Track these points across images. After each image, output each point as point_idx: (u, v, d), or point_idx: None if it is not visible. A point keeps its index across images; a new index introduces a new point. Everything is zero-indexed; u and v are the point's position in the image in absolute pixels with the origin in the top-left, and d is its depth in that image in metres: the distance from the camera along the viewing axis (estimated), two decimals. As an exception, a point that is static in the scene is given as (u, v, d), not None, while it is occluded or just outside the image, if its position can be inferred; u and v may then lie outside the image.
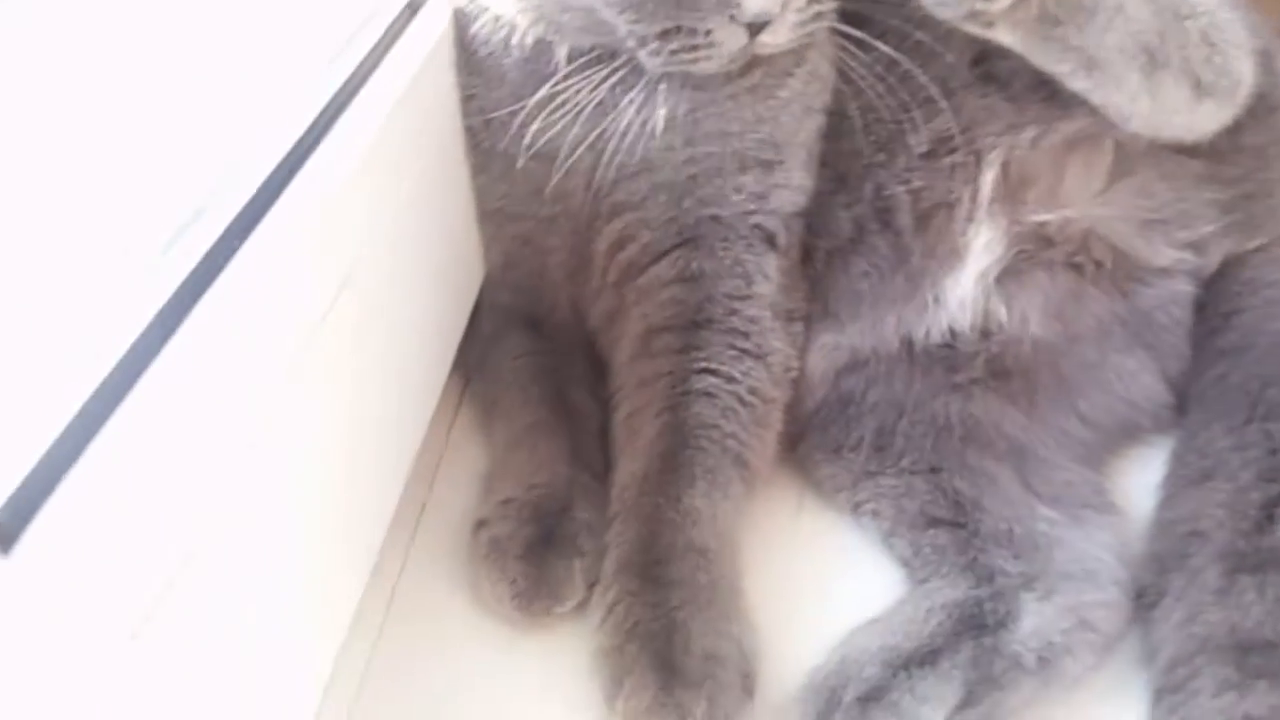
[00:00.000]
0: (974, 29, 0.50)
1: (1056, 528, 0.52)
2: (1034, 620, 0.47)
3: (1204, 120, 0.54)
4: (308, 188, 0.44)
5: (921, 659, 0.45)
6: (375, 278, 0.49)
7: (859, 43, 0.55)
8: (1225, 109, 0.54)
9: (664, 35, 0.50)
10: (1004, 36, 0.50)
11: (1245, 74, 0.54)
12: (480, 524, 0.54)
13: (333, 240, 0.45)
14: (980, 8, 0.48)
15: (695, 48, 0.51)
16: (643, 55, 0.52)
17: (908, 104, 0.56)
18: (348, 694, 0.48)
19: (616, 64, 0.53)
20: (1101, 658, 0.48)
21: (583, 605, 0.51)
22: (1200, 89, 0.52)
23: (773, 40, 0.52)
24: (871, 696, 0.44)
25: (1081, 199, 0.58)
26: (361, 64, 0.53)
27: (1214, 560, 0.48)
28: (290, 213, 0.42)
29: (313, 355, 0.41)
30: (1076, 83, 0.52)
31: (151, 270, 0.37)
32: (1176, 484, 0.54)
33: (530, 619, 0.50)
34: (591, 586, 0.51)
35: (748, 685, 0.46)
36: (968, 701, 0.44)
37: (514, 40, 0.55)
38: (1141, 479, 0.57)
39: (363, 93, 0.52)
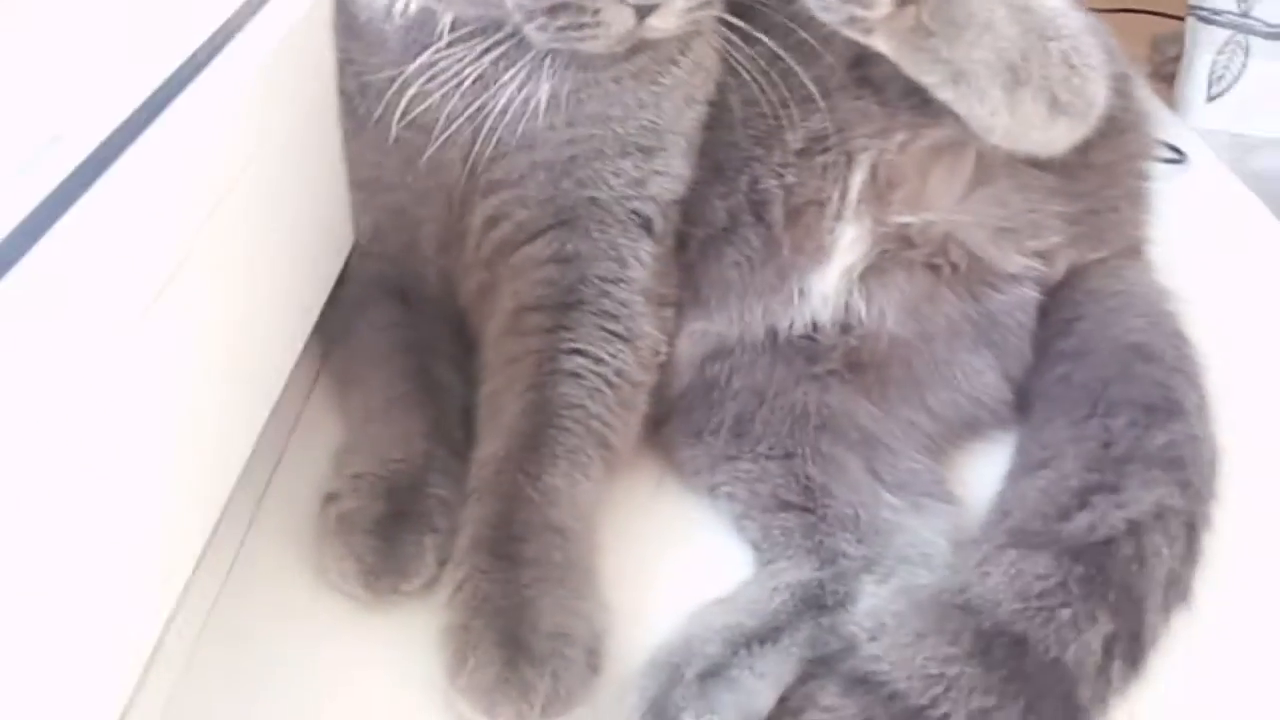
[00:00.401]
0: (853, 34, 0.52)
1: (898, 514, 0.54)
2: (871, 602, 0.49)
3: (1059, 137, 0.57)
4: (168, 132, 0.43)
5: (763, 637, 0.47)
6: (234, 236, 0.47)
7: (745, 36, 0.56)
8: (1078, 128, 0.57)
9: (552, 11, 0.50)
10: (880, 44, 0.52)
11: (1100, 97, 0.57)
12: (330, 497, 0.53)
13: (189, 193, 0.43)
14: (859, 15, 0.49)
15: (583, 26, 0.51)
16: (529, 30, 0.51)
17: (787, 101, 0.57)
18: (177, 661, 0.47)
19: (501, 37, 0.52)
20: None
21: (433, 584, 0.50)
22: (1057, 107, 0.55)
23: (661, 24, 0.52)
24: (712, 673, 0.45)
25: (943, 204, 0.60)
26: (236, 14, 0.51)
27: (1000, 534, 0.51)
28: (146, 158, 0.41)
29: (163, 306, 0.40)
30: (944, 93, 0.54)
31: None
32: (1014, 474, 0.57)
33: (376, 596, 0.50)
34: (443, 565, 0.50)
35: (593, 663, 0.46)
36: (803, 677, 0.46)
37: (397, 6, 0.54)
38: (983, 471, 0.60)
39: (234, 43, 0.50)
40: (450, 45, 0.53)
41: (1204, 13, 1.06)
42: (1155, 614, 0.49)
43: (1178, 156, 0.98)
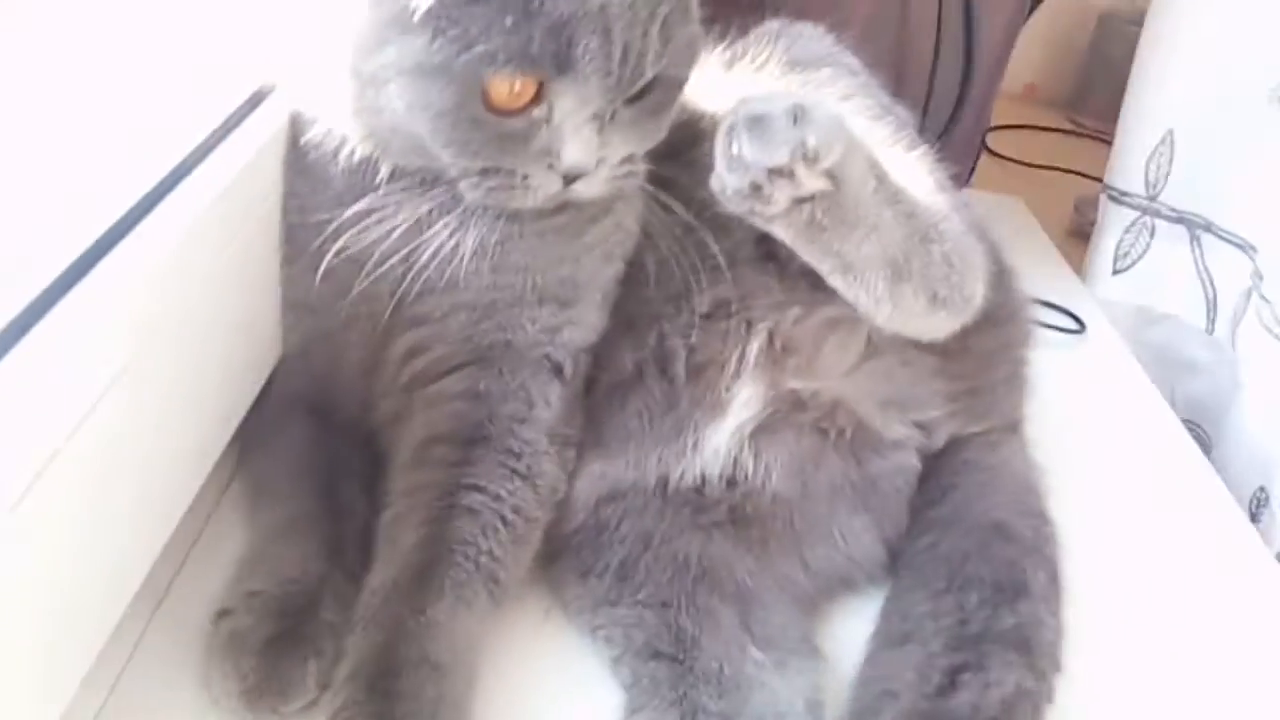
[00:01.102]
0: (755, 222, 0.56)
1: (762, 671, 0.57)
2: None
3: (938, 326, 0.62)
4: (131, 254, 0.47)
5: None
6: (167, 345, 0.51)
7: (664, 206, 0.61)
8: (956, 319, 0.62)
9: (484, 173, 0.55)
10: (779, 232, 0.57)
11: (977, 292, 0.62)
12: (223, 613, 0.55)
13: (142, 302, 0.47)
14: (758, 209, 0.54)
15: (513, 187, 0.55)
16: (463, 186, 0.55)
17: (697, 268, 0.62)
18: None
19: (436, 189, 0.57)
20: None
21: (312, 707, 0.52)
22: (936, 301, 0.60)
23: (586, 190, 0.57)
24: None
25: (834, 374, 0.65)
26: (203, 143, 0.55)
27: (878, 701, 0.54)
28: (107, 275, 0.45)
29: (97, 411, 0.43)
30: (834, 280, 0.59)
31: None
32: (879, 643, 0.60)
33: (256, 716, 0.51)
34: (325, 689, 0.52)
35: None
36: None
37: (343, 152, 0.58)
38: (852, 625, 0.64)
39: (195, 172, 0.54)
40: (388, 193, 0.57)
41: (1115, 193, 1.14)
42: None
43: (1078, 327, 1.05)
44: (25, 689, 0.42)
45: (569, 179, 0.56)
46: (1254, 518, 0.94)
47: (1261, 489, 0.94)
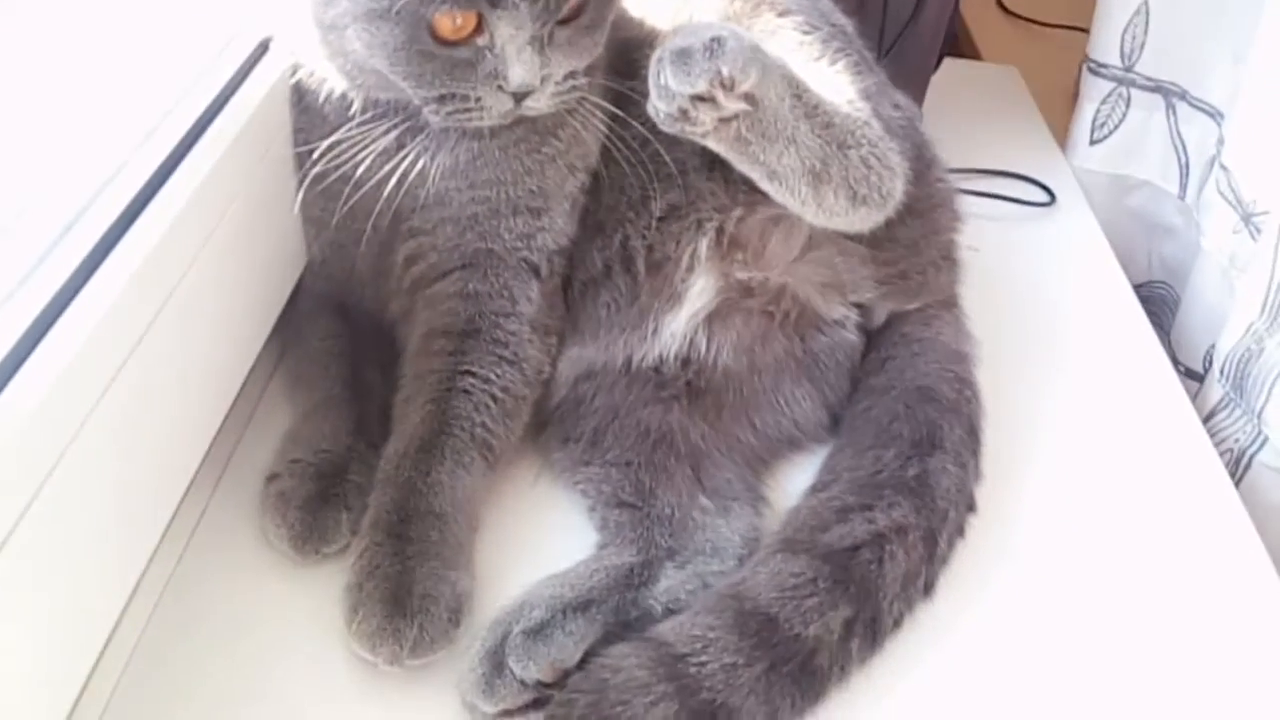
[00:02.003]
0: (691, 138, 0.65)
1: (707, 515, 0.69)
2: (668, 582, 0.64)
3: (861, 221, 0.70)
4: (176, 188, 0.59)
5: (578, 606, 0.61)
6: (217, 258, 0.63)
7: (622, 122, 0.70)
8: (877, 214, 0.70)
9: (441, 99, 0.63)
10: (712, 145, 0.65)
11: (895, 190, 0.70)
12: (272, 477, 0.68)
13: (189, 226, 0.59)
14: (688, 130, 0.63)
15: (469, 110, 0.63)
16: (425, 112, 0.64)
17: (653, 176, 0.71)
18: (144, 610, 0.62)
19: (404, 116, 0.66)
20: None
21: (346, 549, 0.65)
22: (856, 200, 0.68)
23: (535, 105, 0.64)
24: (534, 631, 0.60)
25: (779, 263, 0.74)
26: (222, 90, 0.66)
27: (775, 541, 0.65)
28: (161, 206, 0.57)
29: (162, 312, 0.56)
30: (764, 185, 0.67)
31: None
32: (806, 492, 0.71)
33: (303, 557, 0.65)
34: (354, 535, 0.65)
35: (455, 618, 0.61)
36: (606, 638, 0.61)
37: (324, 89, 0.67)
38: (801, 481, 0.75)
39: (222, 113, 0.65)
40: (362, 122, 0.66)
41: (1093, 64, 1.18)
42: (892, 603, 0.64)
43: (1048, 199, 1.11)
44: (112, 543, 0.56)
45: (519, 97, 0.63)
46: (1203, 375, 1.03)
47: (1211, 346, 1.01)
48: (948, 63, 1.14)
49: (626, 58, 0.72)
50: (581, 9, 0.63)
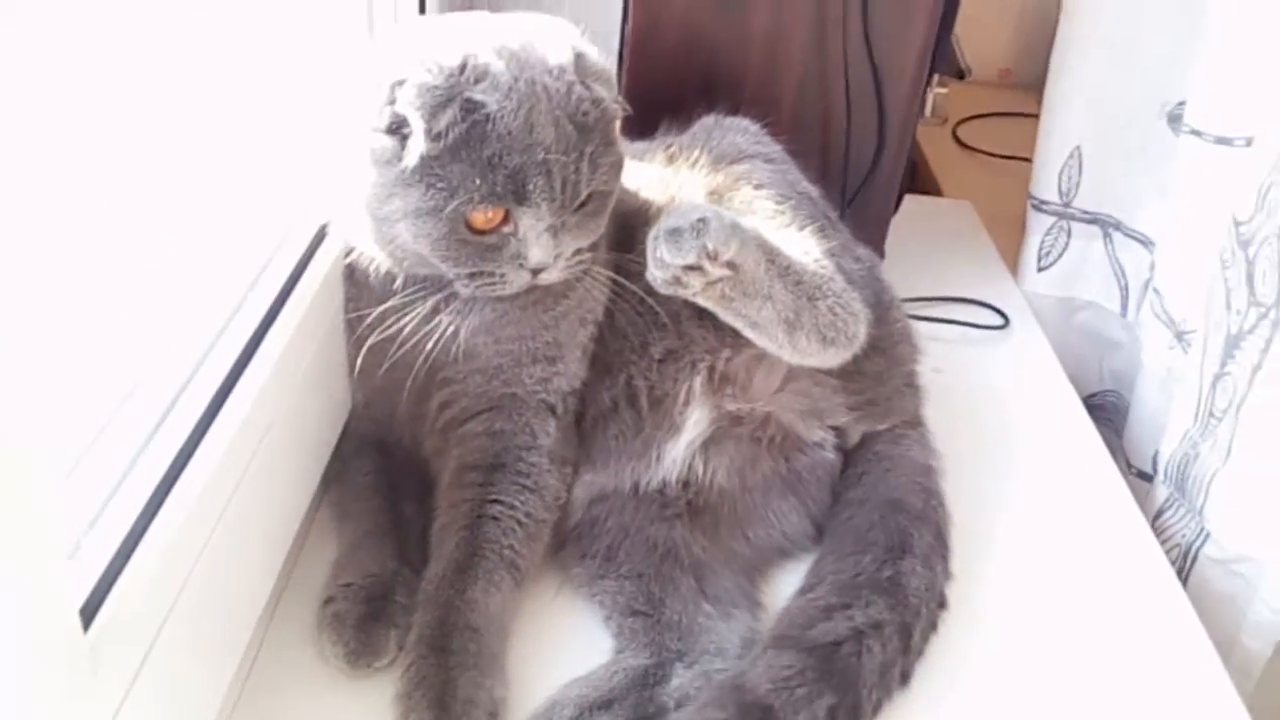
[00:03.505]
0: (683, 296, 0.77)
1: (710, 620, 0.78)
2: (679, 681, 0.73)
3: (831, 359, 0.82)
4: (266, 355, 0.70)
5: (602, 704, 0.70)
6: (290, 411, 0.73)
7: (623, 285, 0.82)
8: (845, 353, 0.81)
9: (472, 275, 0.75)
10: (701, 302, 0.77)
11: (860, 332, 0.81)
12: (327, 600, 0.77)
13: (274, 387, 0.70)
14: (681, 292, 0.75)
15: (494, 283, 0.76)
16: (457, 285, 0.76)
17: (650, 326, 0.83)
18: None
19: (440, 287, 0.78)
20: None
21: (394, 663, 0.73)
22: (826, 342, 0.79)
23: (548, 277, 0.76)
24: None
25: (763, 395, 0.85)
26: (298, 263, 0.77)
27: (770, 639, 0.74)
28: (256, 371, 0.68)
29: (246, 474, 0.66)
30: (747, 333, 0.79)
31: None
32: (795, 595, 0.81)
33: (356, 671, 0.73)
34: (402, 650, 0.73)
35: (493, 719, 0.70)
36: None
37: (372, 267, 0.80)
38: (793, 585, 0.85)
39: (295, 290, 0.76)
40: (405, 294, 0.78)
41: (1035, 201, 1.32)
42: (871, 691, 0.73)
43: (1002, 322, 1.24)
44: (207, 673, 0.65)
45: (535, 272, 0.76)
46: (1152, 475, 1.14)
47: (1157, 452, 1.13)
48: (908, 199, 1.28)
49: (625, 228, 0.85)
50: (588, 200, 0.76)
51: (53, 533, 0.46)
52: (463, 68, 0.70)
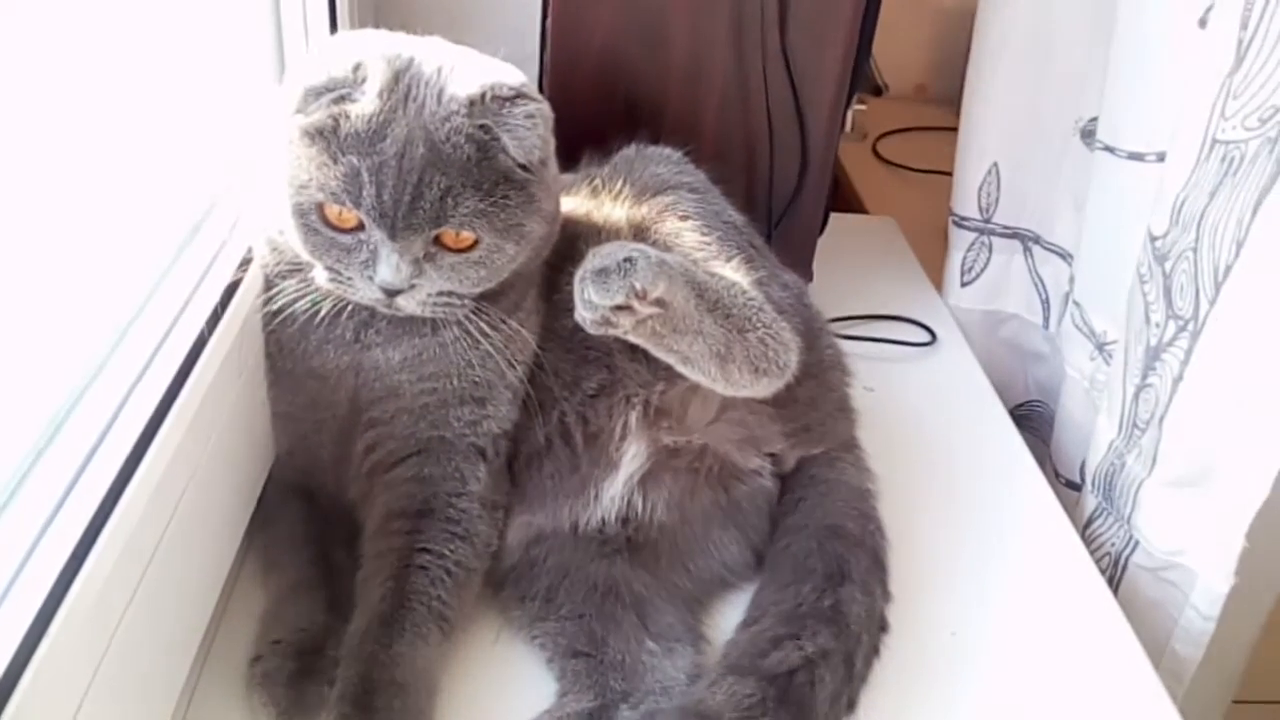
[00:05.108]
0: (614, 334, 0.76)
1: (654, 658, 0.77)
2: None
3: (764, 389, 0.81)
4: (184, 404, 0.67)
5: None
6: (212, 460, 0.71)
7: (555, 316, 0.81)
8: (777, 382, 0.81)
9: (327, 268, 0.73)
10: (631, 339, 0.76)
11: (790, 360, 0.81)
12: (256, 658, 0.74)
13: (193, 436, 0.67)
14: (611, 331, 0.74)
15: (342, 284, 0.73)
16: (316, 271, 0.74)
17: (584, 361, 0.82)
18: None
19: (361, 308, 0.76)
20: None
21: None
22: (758, 372, 0.79)
23: (406, 305, 0.73)
24: None
25: (699, 426, 0.84)
26: (210, 317, 0.73)
27: (723, 666, 0.74)
28: (174, 421, 0.65)
29: (165, 521, 0.63)
30: (679, 368, 0.78)
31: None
32: (739, 627, 0.80)
33: None
34: None
35: None
36: None
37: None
38: (735, 617, 0.84)
39: (214, 335, 0.72)
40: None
41: (956, 218, 1.34)
42: (826, 714, 0.73)
43: (929, 338, 1.26)
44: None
45: (389, 294, 0.72)
46: (1080, 484, 1.16)
47: (1084, 461, 1.15)
48: (833, 218, 1.29)
49: (557, 245, 0.83)
50: (472, 247, 0.73)
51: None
52: (356, 68, 0.70)
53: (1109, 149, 1.11)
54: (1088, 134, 1.19)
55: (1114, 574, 1.05)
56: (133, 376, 0.65)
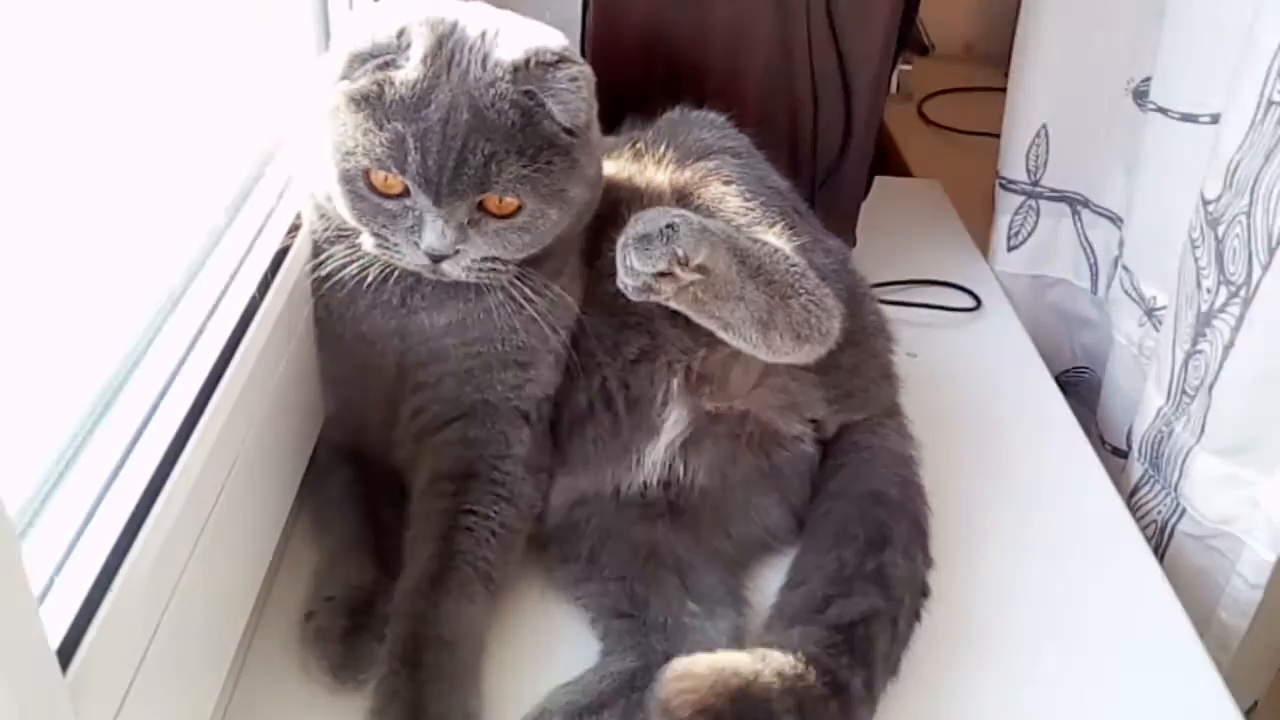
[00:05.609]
0: (655, 300, 0.76)
1: (696, 619, 0.78)
2: None
3: (806, 356, 0.81)
4: (236, 368, 0.68)
5: (591, 710, 0.70)
6: (264, 423, 0.72)
7: (598, 281, 0.81)
8: (820, 349, 0.81)
9: (373, 234, 0.74)
10: (674, 305, 0.76)
11: (834, 327, 0.81)
12: (309, 614, 0.76)
13: (246, 400, 0.69)
14: (653, 298, 0.75)
15: (388, 250, 0.75)
16: (363, 238, 0.75)
17: (625, 326, 0.83)
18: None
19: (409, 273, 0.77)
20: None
21: None
22: (800, 339, 0.79)
23: (451, 270, 0.74)
24: None
25: (740, 392, 0.85)
26: (261, 281, 0.74)
27: (782, 624, 0.74)
28: (227, 386, 0.67)
29: (220, 484, 0.65)
30: (721, 334, 0.78)
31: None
32: (783, 589, 0.81)
33: (341, 684, 0.73)
34: None
35: None
36: None
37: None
38: (776, 580, 0.85)
39: (265, 300, 0.74)
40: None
41: (1003, 181, 1.32)
42: (880, 674, 0.73)
43: (974, 303, 1.24)
44: (190, 699, 0.64)
45: (434, 259, 0.73)
46: (1127, 451, 1.15)
47: (1130, 428, 1.14)
48: (877, 181, 1.28)
49: (600, 210, 0.83)
50: (516, 212, 0.73)
51: (18, 576, 0.45)
52: (400, 33, 0.71)
53: (1162, 110, 1.09)
54: (1140, 95, 1.17)
55: (1160, 542, 1.04)
56: (188, 339, 0.67)
